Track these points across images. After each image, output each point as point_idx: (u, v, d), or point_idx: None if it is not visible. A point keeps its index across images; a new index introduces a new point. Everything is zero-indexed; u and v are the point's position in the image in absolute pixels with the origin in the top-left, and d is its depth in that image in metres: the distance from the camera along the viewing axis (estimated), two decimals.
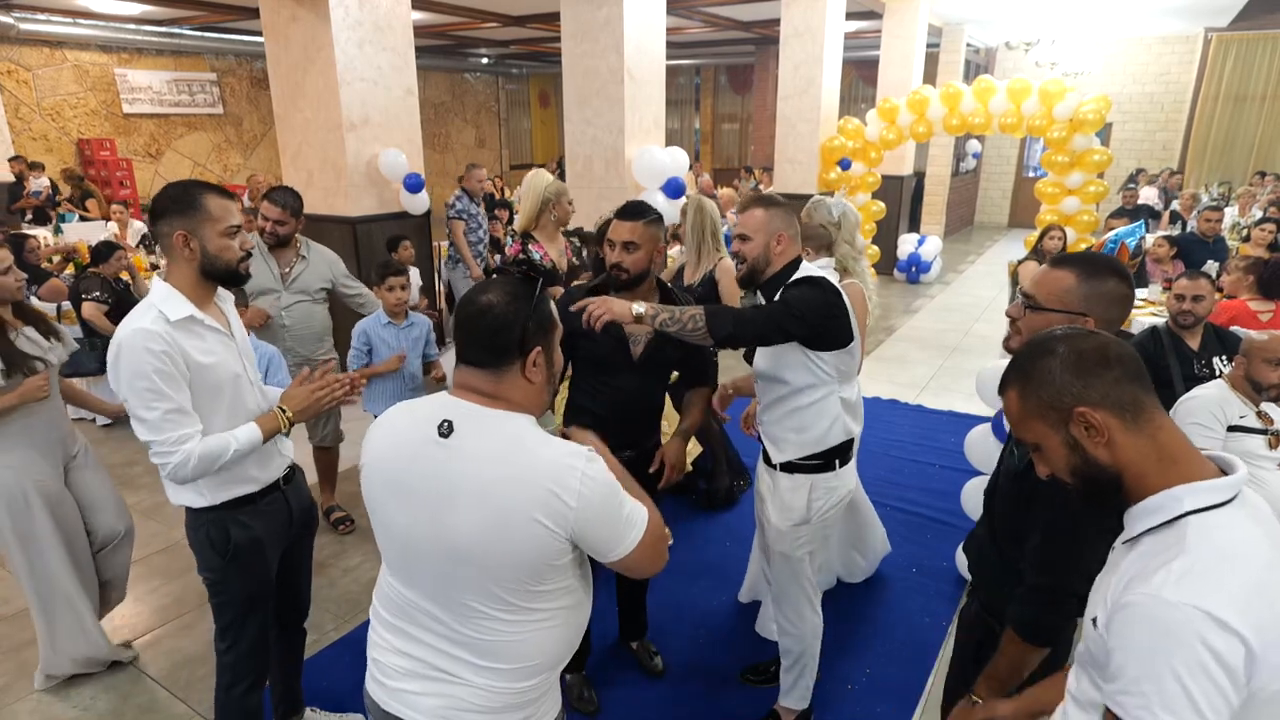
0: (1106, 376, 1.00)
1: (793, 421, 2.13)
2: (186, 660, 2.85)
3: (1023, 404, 1.06)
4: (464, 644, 1.28)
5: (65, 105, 10.32)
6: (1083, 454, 1.02)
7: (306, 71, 4.36)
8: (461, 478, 1.22)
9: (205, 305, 1.84)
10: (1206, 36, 11.71)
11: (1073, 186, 6.75)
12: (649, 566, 1.36)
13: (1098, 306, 1.40)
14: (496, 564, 1.22)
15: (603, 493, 1.24)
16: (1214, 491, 0.96)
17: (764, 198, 2.17)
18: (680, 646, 2.90)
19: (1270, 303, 3.80)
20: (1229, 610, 0.86)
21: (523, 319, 1.26)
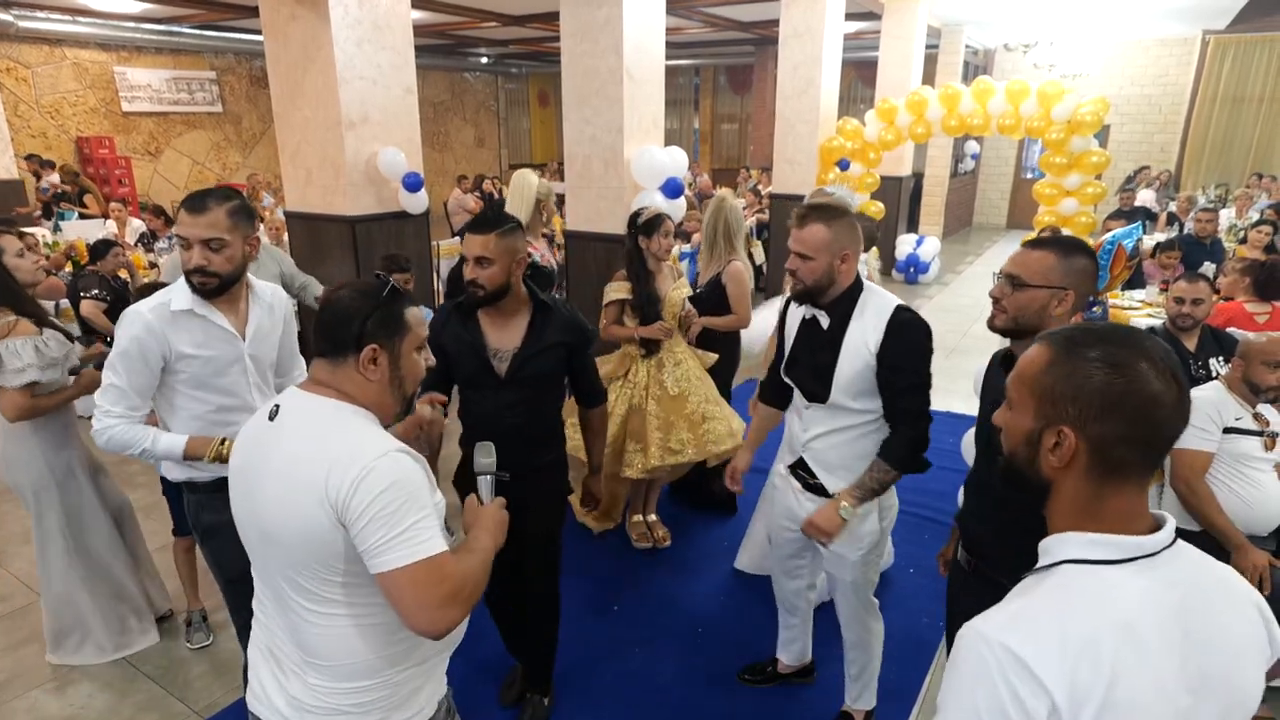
0: (1121, 429, 0.88)
1: (858, 448, 2.04)
2: (184, 659, 2.85)
3: (1041, 373, 0.94)
4: (292, 636, 1.31)
5: (64, 103, 10.31)
6: (1032, 454, 0.95)
7: (306, 70, 4.36)
8: (272, 457, 1.26)
9: (220, 303, 1.94)
10: (1204, 39, 11.73)
11: (1071, 188, 6.76)
12: (413, 607, 1.18)
13: (1075, 280, 1.57)
14: (290, 544, 1.23)
15: (387, 490, 1.17)
16: (1106, 547, 0.89)
17: (824, 209, 1.97)
18: (680, 647, 2.90)
19: (1267, 305, 3.81)
20: (1041, 662, 0.81)
21: (363, 314, 1.28)
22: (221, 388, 1.97)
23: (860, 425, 2.02)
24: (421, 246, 5.01)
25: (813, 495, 2.14)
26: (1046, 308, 1.57)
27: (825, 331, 2.01)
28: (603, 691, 2.67)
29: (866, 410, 2.00)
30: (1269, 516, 2.54)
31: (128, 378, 1.87)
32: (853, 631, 2.32)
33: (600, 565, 3.40)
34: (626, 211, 4.85)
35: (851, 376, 1.96)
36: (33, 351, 2.43)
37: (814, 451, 2.10)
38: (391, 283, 1.33)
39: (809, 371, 2.05)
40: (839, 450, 2.06)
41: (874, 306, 1.97)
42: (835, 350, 1.98)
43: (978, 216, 14.55)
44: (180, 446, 1.93)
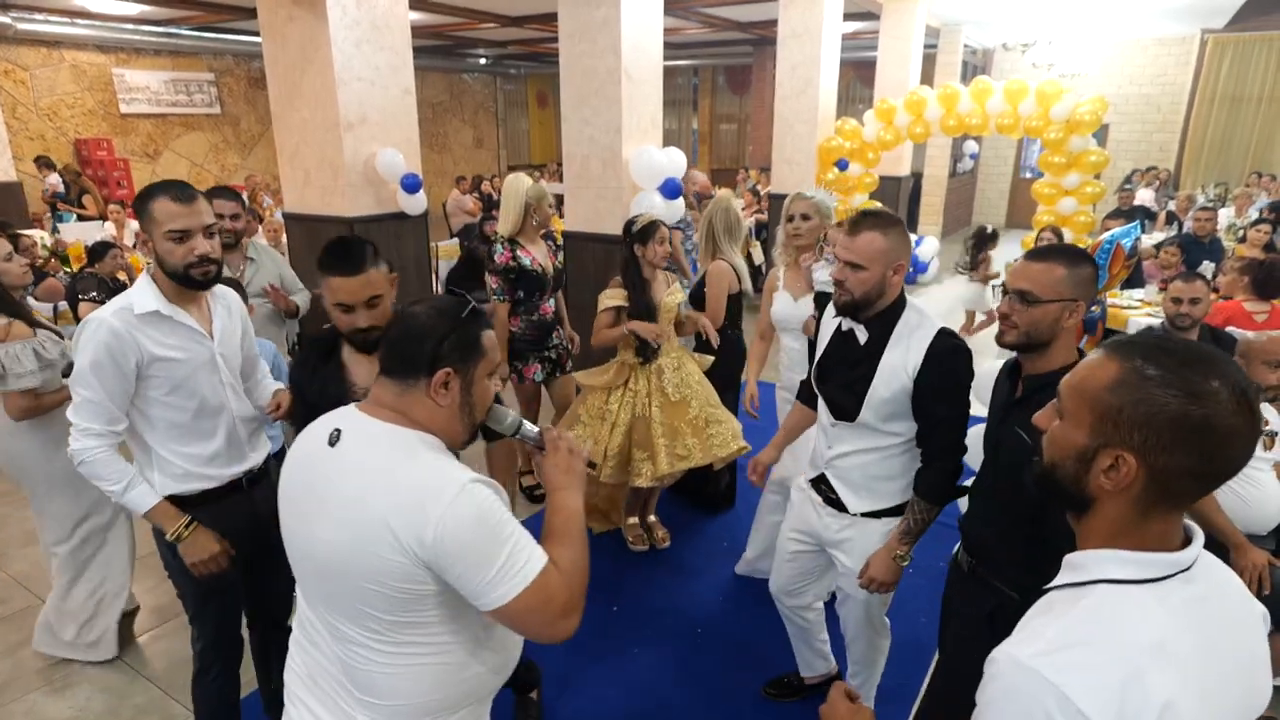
0: (1189, 462, 0.82)
1: (883, 469, 1.98)
2: (183, 660, 2.83)
3: (1110, 391, 0.86)
4: (346, 671, 1.22)
5: (62, 105, 10.30)
6: (1079, 469, 0.89)
7: (304, 71, 4.36)
8: (335, 487, 1.18)
9: (185, 302, 1.86)
10: (1203, 38, 11.74)
11: (1069, 187, 6.76)
12: (534, 631, 1.18)
13: (1083, 291, 1.54)
14: (353, 583, 1.15)
15: (471, 527, 1.11)
16: (1142, 566, 0.85)
17: (878, 215, 1.85)
18: (680, 648, 2.90)
19: (1266, 303, 3.81)
20: (1083, 694, 0.77)
21: (440, 335, 1.20)
22: (197, 391, 1.88)
23: (887, 448, 1.96)
24: (420, 248, 5.01)
25: (833, 511, 2.08)
26: (1059, 320, 1.54)
27: (862, 347, 1.91)
28: (603, 692, 2.67)
29: (895, 433, 1.93)
30: (1268, 515, 2.54)
31: (103, 389, 1.76)
32: (858, 647, 2.29)
33: (600, 566, 3.39)
34: (625, 212, 4.85)
35: (886, 398, 1.88)
36: (32, 356, 2.44)
37: (837, 469, 2.04)
38: (472, 302, 1.26)
39: (841, 387, 1.96)
40: (864, 470, 2.00)
41: (916, 327, 1.87)
42: (871, 368, 1.89)
43: (977, 216, 14.56)
44: (147, 506, 1.84)
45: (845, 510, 2.05)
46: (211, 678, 2.09)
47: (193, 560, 1.89)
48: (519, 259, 3.51)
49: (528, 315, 3.61)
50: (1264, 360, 2.48)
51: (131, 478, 1.83)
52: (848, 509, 2.04)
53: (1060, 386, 0.94)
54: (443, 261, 6.95)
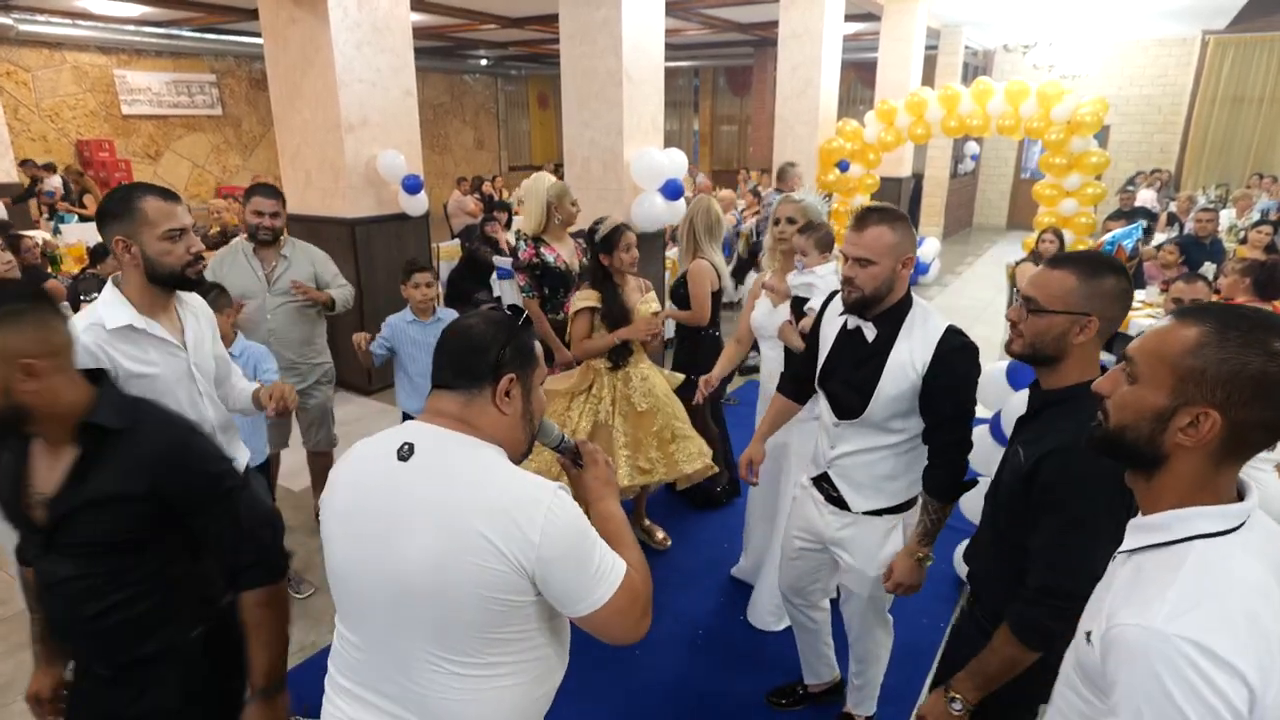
0: (1267, 414, 0.89)
1: (886, 468, 1.97)
2: None
3: (1192, 354, 0.91)
4: (415, 704, 1.18)
5: (64, 106, 10.32)
6: (1157, 430, 0.94)
7: (305, 73, 4.37)
8: (417, 499, 1.15)
9: (156, 313, 1.79)
10: (1204, 39, 11.73)
11: (1070, 188, 6.76)
12: (621, 633, 1.22)
13: (1100, 305, 1.39)
14: (448, 599, 1.12)
15: (571, 532, 1.14)
16: (1224, 518, 0.92)
17: (885, 210, 1.84)
18: (681, 650, 2.90)
19: (1267, 305, 3.81)
20: (1230, 647, 0.82)
21: (500, 343, 1.22)
22: (176, 404, 1.78)
23: (892, 446, 1.94)
24: (421, 249, 5.01)
25: (835, 509, 2.07)
26: (1066, 335, 1.40)
27: (869, 345, 1.89)
28: (603, 694, 2.67)
29: (901, 431, 1.92)
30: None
31: None
32: (862, 645, 2.28)
33: None
34: (626, 213, 4.85)
35: (894, 396, 1.86)
36: None
37: (840, 468, 2.02)
38: (525, 312, 1.30)
39: (847, 385, 1.94)
40: (868, 469, 1.98)
41: (923, 325, 1.85)
42: (879, 366, 1.86)
43: (977, 217, 14.56)
44: None
45: (847, 509, 2.04)
46: None
47: None
48: (543, 255, 3.52)
49: (552, 314, 3.58)
50: None
51: None
52: (850, 508, 2.03)
53: (1132, 352, 0.98)
54: (444, 262, 6.96)
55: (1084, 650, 0.99)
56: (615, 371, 3.09)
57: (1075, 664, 1.04)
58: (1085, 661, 0.99)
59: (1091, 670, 0.97)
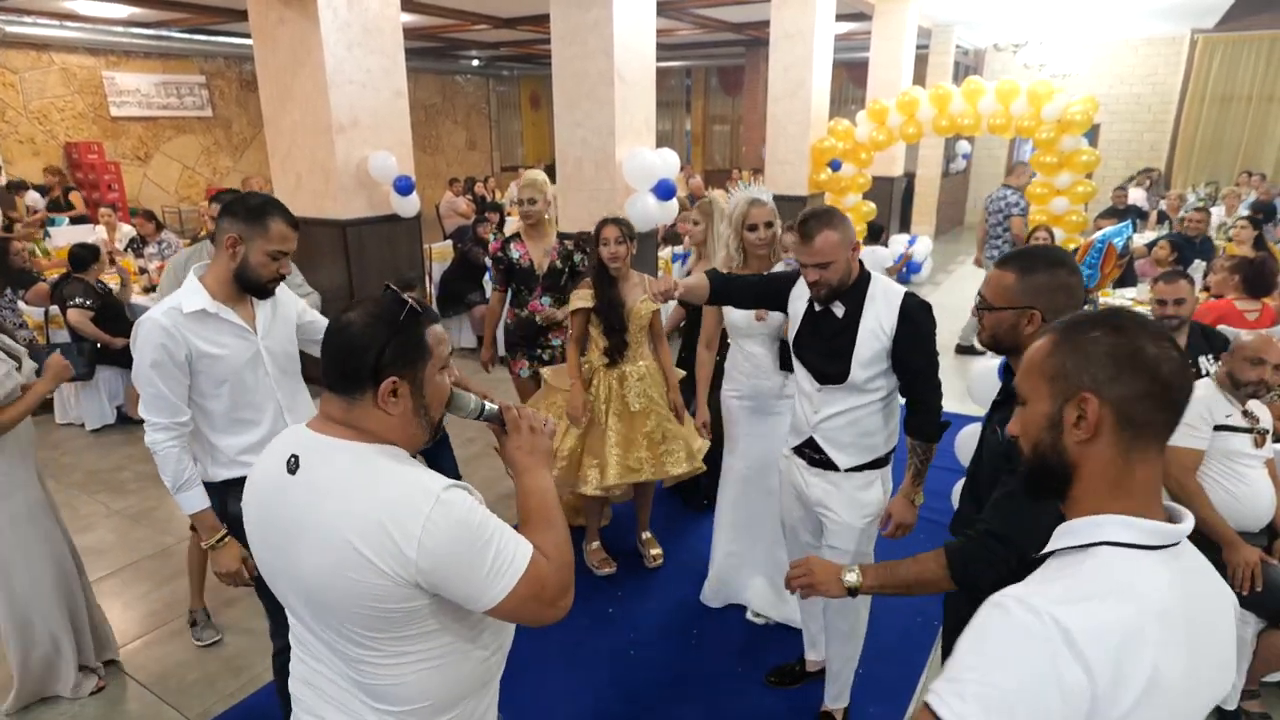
0: (1138, 385, 0.90)
1: (867, 424, 2.16)
2: (177, 665, 2.83)
3: (1048, 356, 0.96)
4: (355, 683, 1.20)
5: (52, 108, 10.25)
6: (1056, 436, 0.95)
7: (295, 74, 4.35)
8: (304, 514, 1.13)
9: (231, 300, 1.98)
10: (1192, 38, 11.80)
11: (1061, 187, 6.79)
12: (531, 619, 1.18)
13: (1040, 299, 1.50)
14: (345, 606, 1.12)
15: (455, 540, 1.09)
16: (1143, 532, 0.89)
17: (820, 215, 2.02)
18: (676, 649, 2.90)
19: (1257, 302, 3.84)
20: (1093, 645, 0.79)
21: (379, 344, 1.13)
22: (242, 383, 2.01)
23: (869, 404, 2.14)
24: (413, 250, 5.00)
25: (819, 470, 2.23)
26: (1016, 327, 1.52)
27: (840, 319, 2.11)
28: (601, 693, 2.67)
29: (878, 389, 2.13)
30: (1259, 513, 2.55)
31: (163, 384, 1.92)
32: (845, 619, 2.33)
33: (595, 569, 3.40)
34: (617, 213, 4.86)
35: (869, 358, 2.08)
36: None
37: (824, 431, 2.19)
38: (409, 303, 1.17)
39: (824, 356, 2.14)
40: (851, 428, 2.16)
41: (884, 293, 2.09)
42: (852, 335, 2.09)
43: (969, 216, 14.60)
44: (194, 509, 1.98)
45: (835, 468, 2.20)
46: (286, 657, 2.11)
47: (217, 569, 2.03)
48: (508, 252, 3.59)
49: (518, 310, 3.66)
50: (1245, 357, 2.51)
51: (187, 479, 1.96)
52: (838, 466, 2.20)
53: (1015, 382, 1.03)
54: (436, 263, 6.94)
55: None
56: (611, 369, 3.10)
57: None
58: None
59: None
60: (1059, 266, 1.54)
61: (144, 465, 4.07)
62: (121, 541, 3.63)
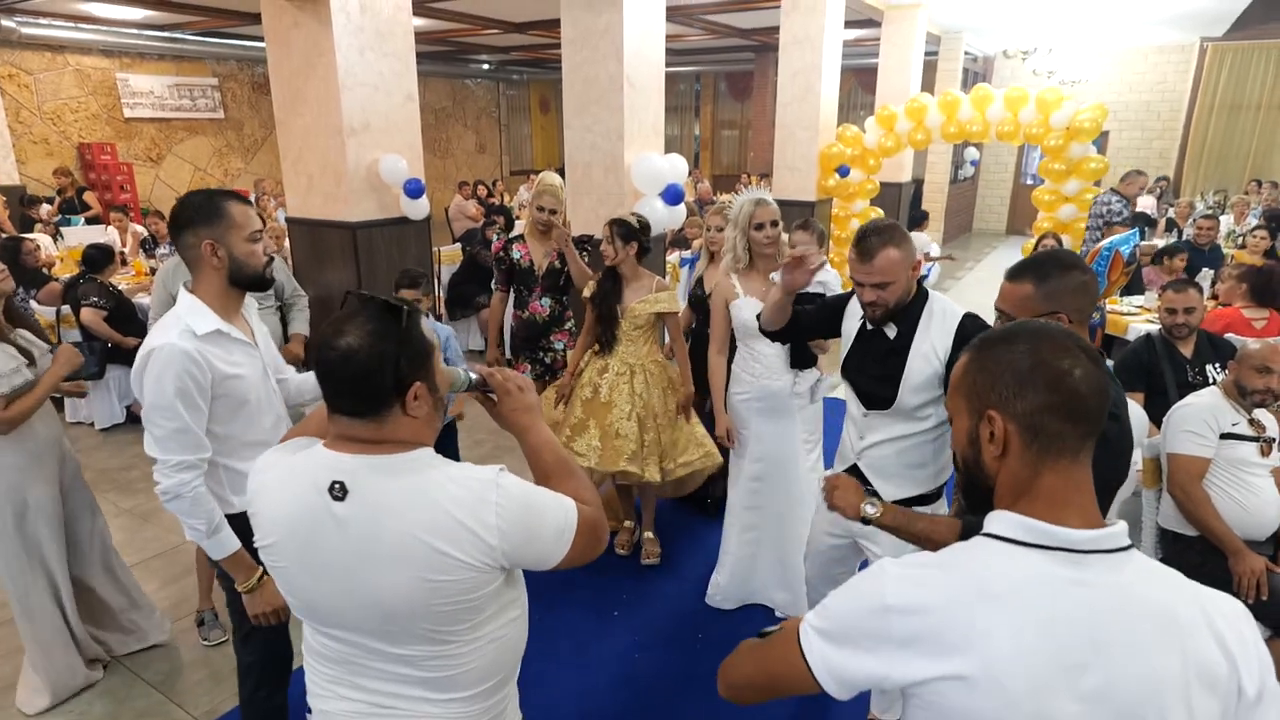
0: (1039, 399, 0.92)
1: (914, 456, 2.04)
2: (183, 665, 2.85)
3: (963, 374, 1.01)
4: (417, 682, 1.21)
5: (66, 109, 10.34)
6: (976, 452, 1.00)
7: (308, 77, 4.38)
8: (370, 540, 1.13)
9: (232, 317, 1.82)
10: (1202, 46, 11.77)
11: (1070, 194, 6.77)
12: (583, 562, 1.28)
13: (1063, 301, 1.49)
14: (434, 612, 1.15)
15: (523, 516, 1.17)
16: (1023, 529, 0.91)
17: (883, 230, 1.89)
18: (681, 653, 2.91)
19: (1264, 310, 3.82)
20: (900, 599, 0.90)
21: (393, 359, 1.12)
22: (260, 403, 1.87)
23: (919, 434, 2.02)
24: (423, 253, 5.02)
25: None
26: None
27: (891, 341, 1.99)
28: (607, 698, 2.67)
29: (928, 418, 1.99)
30: (1266, 521, 2.54)
31: (191, 417, 1.71)
32: None
33: (601, 570, 3.41)
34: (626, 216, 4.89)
35: (920, 383, 1.96)
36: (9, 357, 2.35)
37: (869, 459, 2.08)
38: (405, 306, 1.15)
39: (873, 378, 2.04)
40: (897, 458, 2.04)
41: (941, 313, 1.97)
42: (903, 357, 1.97)
43: (977, 223, 14.58)
44: (229, 551, 1.80)
45: (877, 497, 2.08)
46: (266, 694, 2.06)
47: (256, 610, 1.85)
48: (510, 252, 3.63)
49: (519, 311, 3.70)
50: (1251, 366, 2.50)
51: (220, 521, 1.78)
52: (883, 498, 2.07)
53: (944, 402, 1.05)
54: (445, 266, 6.98)
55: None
56: (598, 357, 3.24)
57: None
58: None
59: None
60: (1073, 268, 1.54)
61: None
62: (130, 540, 3.66)
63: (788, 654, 0.99)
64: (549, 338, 3.71)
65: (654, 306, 3.16)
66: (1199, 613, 0.89)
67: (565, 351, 3.76)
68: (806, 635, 0.97)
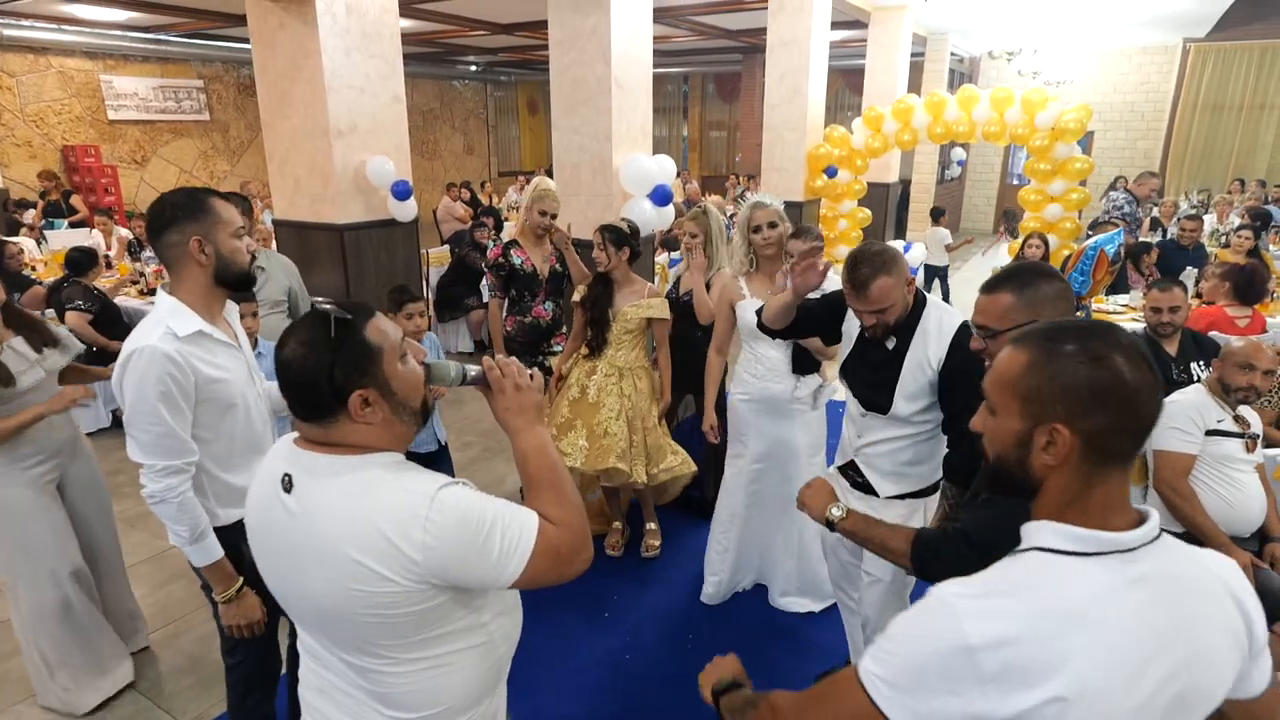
0: (1110, 420, 0.89)
1: (910, 455, 2.09)
2: (174, 670, 2.83)
3: (1023, 376, 0.94)
4: (368, 693, 1.19)
5: (50, 111, 10.24)
6: (1023, 454, 0.95)
7: (294, 79, 4.36)
8: (305, 536, 1.12)
9: (215, 318, 1.78)
10: (1185, 47, 11.90)
11: (1055, 194, 6.83)
12: (552, 582, 1.18)
13: (1043, 309, 1.48)
14: (361, 620, 1.11)
15: (457, 536, 1.08)
16: (1077, 540, 0.90)
17: (873, 259, 1.88)
18: (671, 655, 2.91)
19: (1247, 309, 3.86)
20: (980, 637, 0.84)
21: (326, 368, 1.09)
22: (246, 407, 1.83)
23: (913, 435, 2.07)
24: (410, 255, 5.01)
25: (861, 494, 2.19)
26: None
27: (888, 350, 2.02)
28: (596, 699, 2.67)
29: (924, 421, 2.04)
30: (1251, 517, 2.57)
31: (173, 420, 1.67)
32: (881, 629, 2.34)
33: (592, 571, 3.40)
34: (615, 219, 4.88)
35: (914, 391, 2.00)
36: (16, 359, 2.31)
37: (867, 457, 2.15)
38: (333, 314, 1.11)
39: (869, 384, 2.09)
40: (892, 457, 2.11)
41: (937, 322, 1.99)
42: (897, 366, 2.00)
43: (964, 223, 14.66)
44: (212, 559, 1.77)
45: (875, 494, 2.15)
46: (256, 701, 2.06)
47: (231, 622, 1.83)
48: (509, 257, 3.58)
49: (520, 316, 3.65)
50: (1235, 363, 2.53)
51: (205, 527, 1.76)
52: (878, 493, 2.14)
53: (985, 385, 1.01)
54: (433, 268, 6.95)
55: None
56: (587, 360, 3.27)
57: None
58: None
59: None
60: (1050, 276, 1.55)
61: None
62: None
63: (856, 709, 0.92)
64: (550, 341, 3.71)
65: (645, 312, 3.19)
66: (1215, 578, 0.96)
67: None
68: (875, 687, 0.91)
